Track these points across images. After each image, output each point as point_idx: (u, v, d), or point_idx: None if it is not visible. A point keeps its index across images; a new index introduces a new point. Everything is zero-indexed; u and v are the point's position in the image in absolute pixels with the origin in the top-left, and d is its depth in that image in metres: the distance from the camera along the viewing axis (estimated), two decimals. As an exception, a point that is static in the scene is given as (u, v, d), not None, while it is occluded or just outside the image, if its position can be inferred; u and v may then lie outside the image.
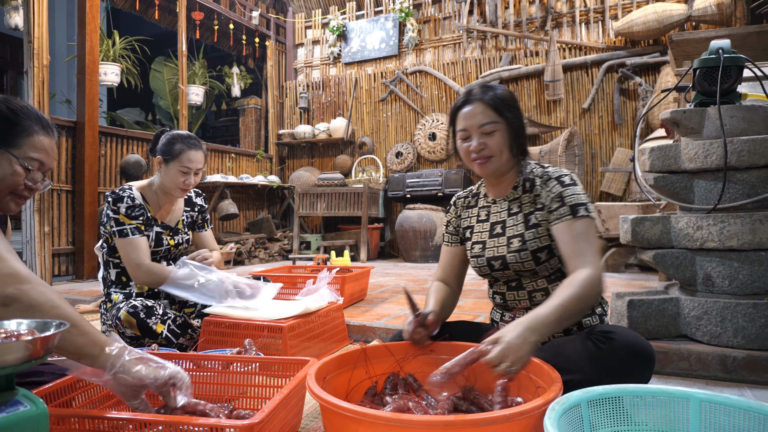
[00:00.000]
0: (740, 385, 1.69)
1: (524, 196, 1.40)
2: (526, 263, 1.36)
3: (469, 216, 1.53)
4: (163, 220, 2.13)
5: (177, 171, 2.03)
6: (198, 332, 1.99)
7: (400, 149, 6.35)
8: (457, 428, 0.88)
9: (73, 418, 0.99)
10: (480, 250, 1.45)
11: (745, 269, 1.79)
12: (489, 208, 1.49)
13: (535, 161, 1.45)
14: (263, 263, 5.72)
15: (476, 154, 1.37)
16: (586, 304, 1.18)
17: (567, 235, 1.28)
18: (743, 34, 3.13)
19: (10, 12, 4.98)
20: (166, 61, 7.22)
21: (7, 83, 8.15)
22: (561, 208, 1.30)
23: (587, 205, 1.30)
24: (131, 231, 1.97)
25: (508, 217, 1.42)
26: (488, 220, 1.47)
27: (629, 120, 5.34)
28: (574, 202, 1.29)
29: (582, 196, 1.31)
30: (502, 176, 1.43)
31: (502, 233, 1.41)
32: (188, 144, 2.04)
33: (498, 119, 1.35)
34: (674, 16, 4.78)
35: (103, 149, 4.67)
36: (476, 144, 1.36)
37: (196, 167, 2.05)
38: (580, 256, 1.24)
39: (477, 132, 1.36)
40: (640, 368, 1.17)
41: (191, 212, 2.26)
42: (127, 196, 2.00)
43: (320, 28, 7.10)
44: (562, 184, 1.33)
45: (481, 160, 1.37)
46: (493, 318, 1.56)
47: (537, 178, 1.38)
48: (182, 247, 2.19)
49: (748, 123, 1.87)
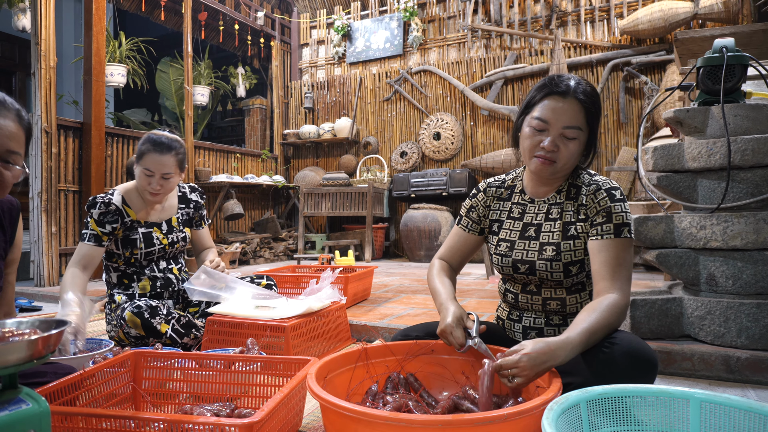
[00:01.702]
0: (744, 385, 1.68)
1: (567, 202, 1.32)
2: (555, 274, 1.30)
3: (500, 209, 1.43)
4: (147, 219, 2.10)
5: (141, 173, 1.99)
6: (202, 332, 2.00)
7: (404, 149, 6.36)
8: (455, 427, 0.88)
9: (76, 416, 1.00)
10: (507, 249, 1.37)
11: (749, 269, 1.78)
12: (525, 206, 1.39)
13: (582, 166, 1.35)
14: (268, 263, 5.74)
15: (545, 152, 1.25)
16: (609, 332, 1.15)
17: (605, 254, 1.22)
18: (749, 32, 3.11)
19: (17, 14, 5.03)
20: (171, 62, 7.26)
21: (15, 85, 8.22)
22: (606, 224, 1.24)
23: (631, 227, 1.24)
24: (88, 237, 1.96)
25: (545, 222, 1.34)
26: (521, 219, 1.38)
27: (635, 119, 5.32)
28: (621, 222, 1.23)
29: (629, 216, 1.24)
30: (554, 178, 1.33)
31: (535, 237, 1.33)
32: (154, 146, 1.96)
33: (584, 126, 1.25)
34: (680, 14, 4.75)
35: (110, 150, 4.71)
36: (549, 143, 1.24)
37: (161, 172, 1.96)
38: (612, 279, 1.19)
39: (557, 131, 1.24)
40: (642, 374, 1.15)
41: (186, 209, 2.23)
42: (101, 202, 1.98)
43: (325, 28, 7.11)
44: (612, 198, 1.25)
45: (546, 161, 1.26)
46: (499, 315, 1.52)
47: (584, 186, 1.30)
48: (178, 246, 2.17)
49: (752, 122, 1.85)
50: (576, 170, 1.35)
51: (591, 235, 1.26)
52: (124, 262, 2.07)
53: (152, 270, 2.10)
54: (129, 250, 2.05)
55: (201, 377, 1.37)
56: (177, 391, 1.37)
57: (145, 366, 1.39)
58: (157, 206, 2.14)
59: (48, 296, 3.62)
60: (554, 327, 1.37)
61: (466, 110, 6.11)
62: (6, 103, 1.09)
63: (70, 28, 8.20)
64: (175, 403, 1.37)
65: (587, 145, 1.30)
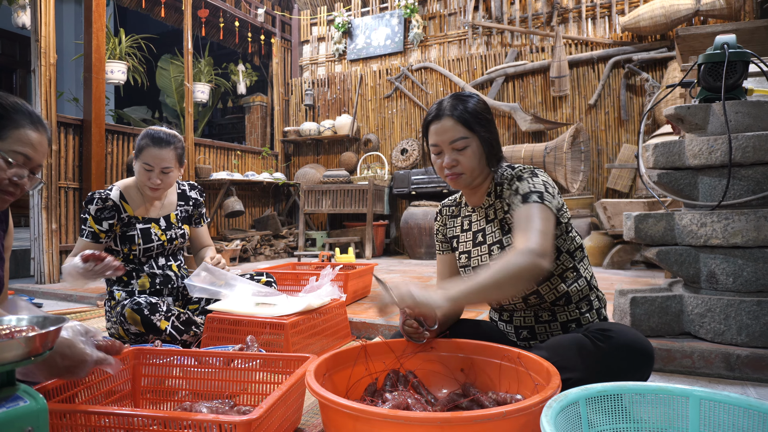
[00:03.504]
0: (744, 383, 1.67)
1: (497, 201, 1.40)
2: None
3: (454, 225, 1.53)
4: (146, 215, 2.11)
5: (141, 168, 2.00)
6: (201, 329, 2.01)
7: (405, 146, 6.35)
8: (454, 425, 0.88)
9: (75, 413, 1.00)
10: (466, 260, 1.46)
11: (750, 266, 1.77)
12: (470, 217, 1.49)
13: (507, 164, 1.42)
14: (268, 260, 5.74)
15: (448, 170, 1.36)
16: (509, 274, 1.11)
17: (515, 221, 1.25)
18: (751, 29, 3.10)
19: (17, 11, 5.02)
20: (172, 59, 7.25)
21: (16, 82, 8.22)
22: (514, 198, 1.29)
23: (543, 194, 1.25)
24: (87, 234, 2.00)
25: (487, 225, 1.42)
26: (471, 230, 1.47)
27: (636, 116, 5.30)
28: (527, 191, 1.27)
29: (538, 185, 1.27)
30: (476, 187, 1.42)
31: (484, 241, 1.42)
32: (153, 140, 1.97)
33: (469, 134, 1.33)
34: (682, 11, 4.73)
35: (110, 147, 4.71)
36: (448, 160, 1.35)
37: (161, 166, 1.97)
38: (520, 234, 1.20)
39: (448, 148, 1.35)
40: (639, 366, 1.16)
41: (185, 206, 2.24)
42: (98, 198, 2.00)
43: (325, 25, 7.09)
44: (520, 178, 1.32)
45: (453, 176, 1.37)
46: (491, 317, 1.56)
47: (505, 182, 1.37)
48: (177, 243, 2.17)
49: (754, 119, 1.85)
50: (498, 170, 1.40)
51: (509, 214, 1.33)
52: (123, 259, 2.07)
53: (151, 267, 2.10)
54: (127, 246, 2.05)
55: (200, 374, 1.37)
56: (176, 389, 1.37)
57: (144, 363, 1.39)
58: (156, 203, 2.14)
59: (49, 293, 3.63)
60: (544, 324, 1.39)
61: (466, 107, 6.10)
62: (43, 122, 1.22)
63: (71, 25, 8.19)
64: (174, 400, 1.37)
65: (486, 148, 1.35)
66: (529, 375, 1.17)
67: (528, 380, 1.17)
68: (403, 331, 1.32)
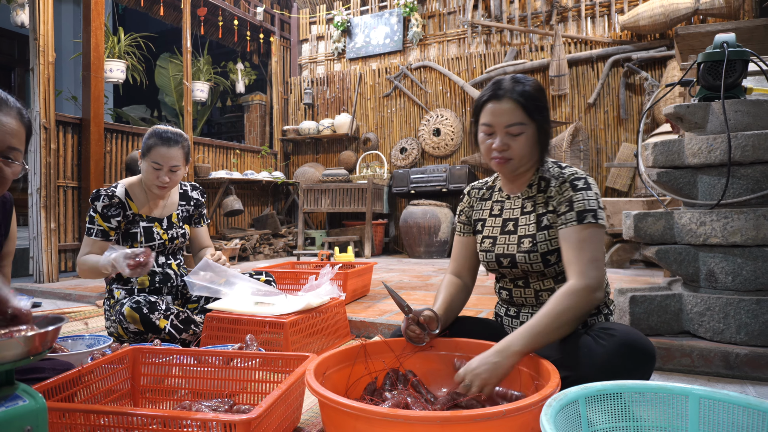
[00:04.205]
0: (743, 381, 1.68)
1: (538, 195, 1.37)
2: (535, 264, 1.34)
3: (482, 208, 1.51)
4: (150, 214, 2.12)
5: (149, 166, 2.01)
6: (200, 327, 2.00)
7: (404, 145, 6.35)
8: (453, 424, 0.88)
9: (74, 412, 1.00)
10: (490, 245, 1.43)
11: (749, 265, 1.78)
12: (503, 203, 1.46)
13: (552, 159, 1.41)
14: (268, 259, 5.74)
15: (498, 153, 1.32)
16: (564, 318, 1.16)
17: (568, 242, 1.26)
18: (750, 28, 3.09)
19: (16, 9, 5.00)
20: (171, 58, 7.24)
21: (15, 80, 8.20)
22: (568, 212, 1.28)
23: (597, 212, 1.26)
24: (96, 232, 2.00)
25: (521, 216, 1.40)
26: (501, 216, 1.45)
27: (635, 115, 5.30)
28: (583, 208, 1.26)
29: (593, 202, 1.27)
30: (520, 174, 1.40)
31: (514, 231, 1.39)
32: (161, 139, 2.00)
33: (526, 121, 1.30)
34: (681, 10, 4.73)
35: (109, 146, 4.70)
36: (499, 143, 1.31)
37: (169, 164, 2.00)
38: (575, 264, 1.23)
39: (502, 131, 1.31)
40: (640, 365, 1.16)
41: (187, 206, 2.25)
42: (105, 195, 2.01)
43: (324, 24, 7.08)
44: (575, 188, 1.29)
45: (501, 160, 1.33)
46: (497, 312, 1.55)
47: (552, 179, 1.35)
48: (178, 242, 2.18)
49: (753, 117, 1.85)
50: (544, 163, 1.40)
51: (558, 226, 1.31)
52: None
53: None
54: (129, 243, 2.06)
55: (200, 373, 1.37)
56: (175, 388, 1.37)
57: (143, 362, 1.39)
58: (160, 202, 2.15)
59: (47, 292, 3.62)
60: None
61: (466, 106, 6.10)
62: (8, 102, 1.12)
63: (69, 23, 8.17)
64: (173, 399, 1.36)
65: (540, 137, 1.34)
66: (529, 373, 1.17)
67: (528, 379, 1.17)
68: (405, 336, 1.33)
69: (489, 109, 1.32)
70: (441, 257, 5.53)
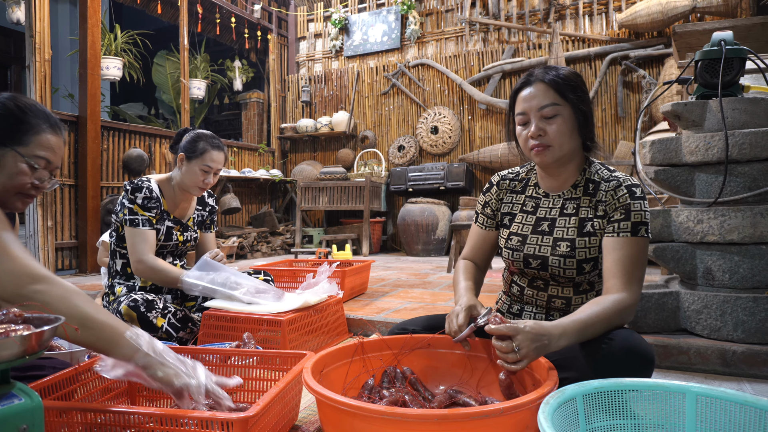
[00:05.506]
0: (740, 379, 1.68)
1: (584, 198, 1.29)
2: (569, 270, 1.28)
3: (513, 202, 1.42)
4: (175, 215, 2.14)
5: (198, 169, 2.05)
6: (198, 326, 2.00)
7: (402, 143, 6.34)
8: (450, 421, 0.88)
9: (71, 410, 1.00)
10: (518, 243, 1.35)
11: (746, 263, 1.78)
12: (538, 200, 1.37)
13: (599, 161, 1.33)
14: (265, 257, 5.73)
15: (534, 140, 1.25)
16: (608, 328, 1.15)
17: (619, 252, 1.20)
18: (748, 26, 3.10)
19: (12, 6, 4.98)
20: (168, 55, 7.21)
21: (11, 78, 8.16)
22: (624, 221, 1.21)
23: (648, 225, 1.22)
24: (142, 222, 1.99)
25: (560, 217, 1.31)
26: (534, 214, 1.36)
27: (632, 113, 5.31)
28: (639, 220, 1.21)
29: (647, 214, 1.23)
30: (561, 168, 1.31)
31: (549, 232, 1.31)
32: (212, 144, 2.08)
33: (560, 101, 1.23)
34: (678, 8, 4.73)
35: (106, 144, 4.68)
36: (534, 129, 1.24)
37: (217, 167, 2.09)
38: (623, 278, 1.18)
39: (536, 115, 1.24)
40: (639, 370, 1.14)
41: (202, 212, 2.28)
42: (146, 188, 2.02)
43: (322, 21, 7.07)
44: (633, 195, 1.23)
45: (539, 148, 1.25)
46: (500, 309, 1.50)
47: (603, 182, 1.28)
48: (189, 244, 2.21)
49: (750, 115, 1.85)
50: (591, 164, 1.34)
51: (607, 232, 1.24)
52: None
53: None
54: None
55: (197, 372, 1.36)
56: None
57: (140, 360, 1.38)
58: (184, 204, 2.17)
59: (44, 291, 3.61)
60: None
61: (463, 104, 6.10)
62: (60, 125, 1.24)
63: (65, 20, 8.13)
64: (171, 397, 1.36)
65: (579, 119, 1.27)
66: (527, 372, 1.17)
67: (526, 377, 1.17)
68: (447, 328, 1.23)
69: (521, 97, 1.28)
70: (439, 255, 5.53)
